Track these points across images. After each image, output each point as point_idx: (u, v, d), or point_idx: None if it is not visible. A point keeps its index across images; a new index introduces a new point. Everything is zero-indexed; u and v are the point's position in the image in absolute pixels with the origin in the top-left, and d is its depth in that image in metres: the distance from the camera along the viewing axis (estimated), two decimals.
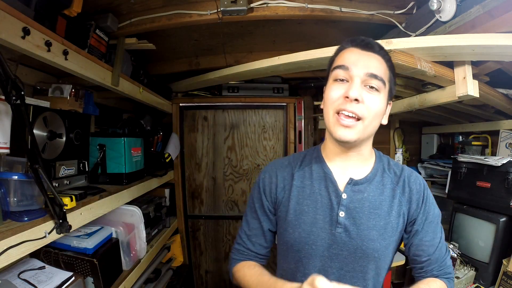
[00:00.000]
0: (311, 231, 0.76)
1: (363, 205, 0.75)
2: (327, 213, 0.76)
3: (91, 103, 1.40)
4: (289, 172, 0.84)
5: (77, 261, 1.16)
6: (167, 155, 2.02)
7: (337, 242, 0.74)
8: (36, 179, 0.83)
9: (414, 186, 0.80)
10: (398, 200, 0.78)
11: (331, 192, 0.77)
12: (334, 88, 0.74)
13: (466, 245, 1.60)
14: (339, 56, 0.79)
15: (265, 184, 0.85)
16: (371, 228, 0.74)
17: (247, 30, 1.64)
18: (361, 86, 0.72)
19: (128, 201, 1.45)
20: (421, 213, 0.78)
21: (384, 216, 0.75)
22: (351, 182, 0.78)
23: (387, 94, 0.76)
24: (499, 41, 0.96)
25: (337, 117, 0.72)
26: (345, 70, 0.73)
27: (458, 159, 1.69)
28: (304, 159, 0.86)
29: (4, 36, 0.75)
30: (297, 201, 0.79)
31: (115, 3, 1.27)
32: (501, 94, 1.46)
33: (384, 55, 0.77)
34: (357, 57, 0.74)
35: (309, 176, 0.81)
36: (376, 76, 0.72)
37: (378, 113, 0.74)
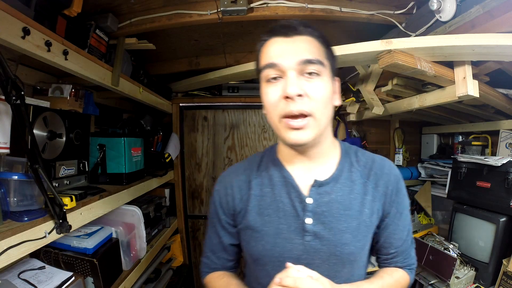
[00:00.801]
0: (275, 243, 0.69)
1: (331, 208, 0.68)
2: (292, 221, 0.69)
3: (91, 103, 1.40)
4: (246, 180, 0.75)
5: (77, 261, 1.16)
6: (167, 155, 2.02)
7: (307, 251, 0.68)
8: (36, 179, 0.83)
9: (388, 178, 0.73)
10: (370, 196, 0.71)
11: (293, 199, 0.70)
12: (269, 90, 0.65)
13: (466, 245, 1.60)
14: (262, 52, 0.68)
15: (220, 197, 0.78)
16: (343, 232, 0.67)
17: (247, 30, 1.64)
18: (298, 78, 0.62)
19: (128, 201, 1.45)
20: (394, 206, 0.73)
21: (356, 216, 0.69)
22: (315, 184, 0.69)
23: (329, 72, 0.67)
24: (499, 41, 0.96)
25: (285, 121, 0.63)
26: (274, 67, 0.63)
27: (458, 159, 1.69)
28: (261, 163, 0.78)
29: (4, 36, 0.75)
30: (258, 212, 0.72)
31: (115, 3, 1.27)
32: (501, 94, 1.46)
33: (311, 33, 0.66)
34: (282, 47, 0.64)
35: (268, 182, 0.73)
36: (311, 61, 0.62)
37: (327, 99, 0.65)
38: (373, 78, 1.66)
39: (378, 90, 1.68)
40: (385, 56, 1.10)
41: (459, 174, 1.67)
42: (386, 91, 1.59)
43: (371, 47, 1.10)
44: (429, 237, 1.90)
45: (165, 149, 2.08)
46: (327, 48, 0.69)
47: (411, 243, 0.79)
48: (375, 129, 2.55)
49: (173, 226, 2.22)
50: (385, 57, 1.10)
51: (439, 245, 1.61)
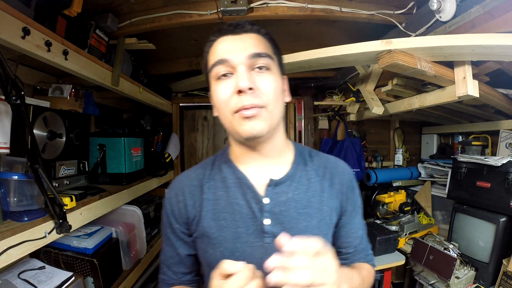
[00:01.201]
0: (234, 248, 0.66)
1: (289, 207, 0.67)
2: (250, 224, 0.66)
3: (91, 103, 1.40)
4: (198, 185, 0.72)
5: (77, 261, 1.16)
6: (167, 155, 2.02)
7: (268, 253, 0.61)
8: (36, 179, 0.83)
9: (342, 177, 0.74)
10: (327, 194, 0.71)
11: (250, 199, 0.67)
12: (220, 87, 0.64)
13: (466, 245, 1.60)
14: (211, 52, 0.68)
15: (172, 205, 0.73)
16: (303, 231, 0.66)
17: None
18: (249, 72, 0.62)
19: (128, 201, 1.45)
20: (350, 204, 0.74)
21: (316, 214, 0.68)
22: (271, 183, 0.68)
23: (278, 69, 0.68)
24: (499, 41, 0.96)
25: (238, 114, 0.62)
26: (224, 63, 0.63)
27: (458, 159, 1.69)
28: (213, 167, 0.75)
29: (4, 36, 0.75)
30: (213, 217, 0.68)
31: (115, 3, 1.27)
32: (501, 94, 1.46)
33: (258, 31, 0.67)
34: (232, 44, 0.65)
35: (221, 185, 0.70)
36: (260, 54, 0.63)
37: (278, 93, 0.65)
38: (373, 78, 1.66)
39: (378, 90, 1.68)
40: (385, 56, 1.10)
41: (459, 174, 1.67)
42: (386, 91, 1.59)
43: (371, 47, 1.10)
44: (429, 237, 1.90)
45: (165, 149, 2.08)
46: (274, 45, 0.70)
47: (367, 242, 0.81)
48: (375, 129, 2.55)
49: None
50: (385, 57, 1.10)
51: (439, 245, 1.61)
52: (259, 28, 0.68)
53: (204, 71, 0.72)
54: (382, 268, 1.70)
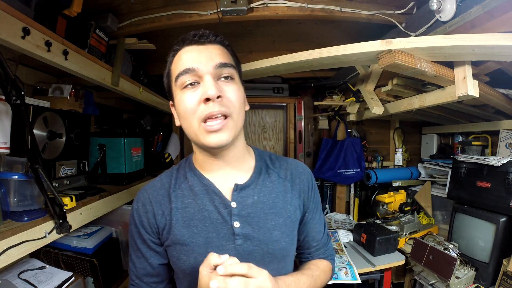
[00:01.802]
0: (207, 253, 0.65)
1: (256, 209, 0.71)
2: (220, 228, 0.69)
3: (91, 103, 1.40)
4: (165, 194, 0.74)
5: (77, 261, 1.16)
6: (167, 155, 2.02)
7: (241, 254, 0.68)
8: (36, 179, 0.83)
9: (303, 177, 0.79)
10: (290, 194, 0.76)
11: (218, 205, 0.70)
12: (187, 95, 0.65)
13: (466, 245, 1.60)
14: (175, 62, 0.69)
15: (140, 215, 0.73)
16: (271, 230, 0.71)
17: (247, 30, 1.64)
18: (215, 81, 0.64)
19: (128, 201, 1.45)
20: (311, 202, 0.80)
21: (281, 212, 0.73)
22: (237, 188, 0.71)
23: (239, 79, 0.71)
24: (499, 41, 0.96)
25: (204, 126, 0.64)
26: (191, 72, 0.64)
27: (458, 159, 1.69)
28: (178, 175, 0.77)
29: (4, 36, 0.75)
30: (184, 225, 0.70)
31: (115, 3, 1.27)
32: (501, 94, 1.46)
33: (221, 42, 0.70)
34: (198, 53, 0.66)
35: (189, 193, 0.73)
36: (226, 64, 0.66)
37: (241, 102, 0.68)
38: (373, 78, 1.66)
39: (378, 90, 1.68)
40: (385, 56, 1.09)
41: (459, 174, 1.67)
42: (386, 91, 1.59)
43: (371, 47, 1.10)
44: (429, 237, 1.90)
45: (165, 149, 2.08)
46: (235, 56, 0.73)
47: (328, 236, 0.88)
48: (375, 129, 2.55)
49: None
50: (385, 57, 1.10)
51: (439, 245, 1.61)
52: (223, 39, 0.71)
53: (166, 80, 0.73)
54: (382, 268, 1.70)
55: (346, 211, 2.46)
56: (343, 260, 1.68)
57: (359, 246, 1.90)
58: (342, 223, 2.25)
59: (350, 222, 2.29)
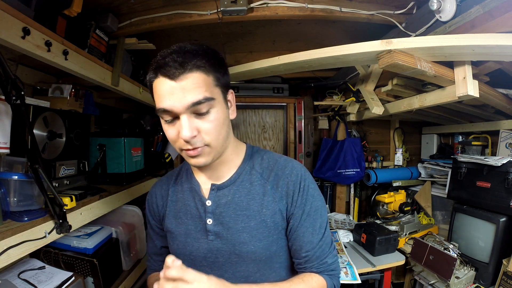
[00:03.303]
0: (186, 242, 0.78)
1: (228, 209, 0.74)
2: (197, 223, 0.78)
3: (91, 103, 1.40)
4: (166, 189, 0.87)
5: (77, 261, 1.16)
6: (167, 155, 2.01)
7: (211, 250, 0.75)
8: (36, 179, 0.83)
9: (289, 179, 0.74)
10: (270, 197, 0.73)
11: (197, 202, 0.79)
12: (168, 129, 0.69)
13: (466, 245, 1.60)
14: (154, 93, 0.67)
15: (149, 204, 0.89)
16: (240, 231, 0.73)
17: (247, 30, 1.64)
18: (190, 119, 0.64)
19: (128, 201, 1.45)
20: (297, 207, 0.73)
21: (254, 215, 0.72)
22: (213, 187, 0.78)
23: (221, 97, 0.69)
24: (499, 41, 0.96)
25: (185, 152, 0.69)
26: (168, 112, 0.65)
27: (458, 159, 1.69)
28: (179, 174, 0.88)
29: (4, 36, 0.75)
30: (174, 215, 0.82)
31: (115, 3, 1.27)
32: (501, 94, 1.46)
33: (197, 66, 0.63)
34: (171, 91, 0.63)
35: (180, 189, 0.84)
36: (199, 102, 0.63)
37: (221, 125, 0.69)
38: (373, 78, 1.66)
39: (378, 90, 1.68)
40: (385, 56, 1.10)
41: (459, 174, 1.67)
42: (386, 91, 1.59)
43: (371, 47, 1.10)
44: (429, 237, 1.90)
45: (165, 149, 2.08)
46: (216, 71, 0.68)
47: (329, 249, 0.77)
48: (375, 129, 2.55)
49: None
50: (385, 57, 1.10)
51: (439, 245, 1.61)
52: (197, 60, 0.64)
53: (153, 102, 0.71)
54: (382, 268, 1.70)
55: (346, 211, 2.46)
56: (343, 260, 1.68)
57: (359, 246, 1.90)
58: (342, 223, 2.26)
59: (350, 222, 2.29)
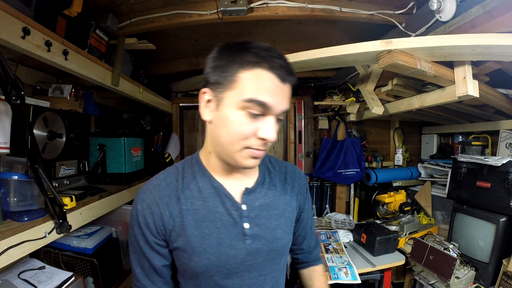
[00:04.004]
0: (220, 253, 0.70)
1: (262, 210, 0.76)
2: (231, 229, 0.72)
3: (91, 103, 1.40)
4: (171, 195, 0.72)
5: (77, 261, 1.16)
6: (167, 155, 2.02)
7: (250, 253, 0.73)
8: (36, 179, 0.83)
9: (300, 181, 0.87)
10: (289, 196, 0.83)
11: (229, 208, 0.73)
12: (243, 121, 0.63)
13: (466, 245, 1.60)
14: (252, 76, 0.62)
15: (145, 217, 0.70)
16: (275, 229, 0.77)
17: (247, 30, 1.64)
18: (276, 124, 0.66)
19: (128, 201, 1.45)
20: (306, 203, 0.89)
21: (282, 213, 0.80)
22: (246, 191, 0.76)
23: None
24: (499, 41, 0.96)
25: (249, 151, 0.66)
26: (263, 106, 0.62)
27: (458, 159, 1.69)
28: (185, 175, 0.76)
29: (4, 36, 0.75)
30: (195, 226, 0.70)
31: (115, 3, 1.27)
32: (501, 94, 1.46)
33: (293, 82, 0.68)
34: (277, 92, 0.63)
35: (198, 195, 0.73)
36: (286, 111, 0.68)
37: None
38: (373, 78, 1.66)
39: (378, 90, 1.68)
40: (385, 56, 1.10)
41: (459, 174, 1.67)
42: (386, 91, 1.59)
43: (371, 47, 1.10)
44: (429, 237, 1.90)
45: (165, 149, 2.08)
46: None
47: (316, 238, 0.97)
48: (375, 129, 2.55)
49: None
50: (385, 57, 1.10)
51: (439, 245, 1.61)
52: (294, 78, 0.68)
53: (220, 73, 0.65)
54: (382, 268, 1.70)
55: (346, 211, 2.46)
56: (343, 260, 1.68)
57: (359, 246, 1.90)
58: (342, 223, 2.26)
59: (350, 222, 2.29)
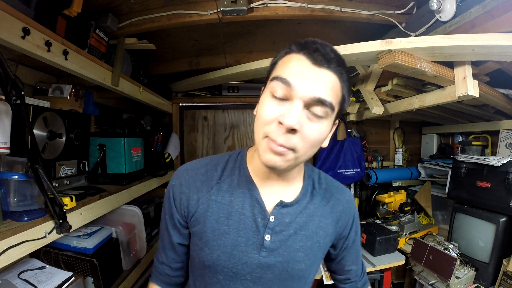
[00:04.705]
0: (231, 254, 0.68)
1: (289, 227, 0.70)
2: (251, 235, 0.68)
3: (91, 103, 1.40)
4: (205, 181, 0.72)
5: (77, 261, 1.16)
6: (167, 155, 2.02)
7: (261, 265, 0.68)
8: (36, 179, 0.83)
9: (347, 205, 0.78)
10: (329, 220, 0.74)
11: (256, 214, 0.69)
12: (269, 105, 0.59)
13: (466, 245, 1.60)
14: (282, 62, 0.62)
15: (175, 193, 0.72)
16: (297, 250, 0.70)
17: (247, 30, 1.64)
18: (302, 110, 0.57)
19: (128, 201, 1.45)
20: (352, 230, 0.79)
21: (311, 236, 0.71)
22: (280, 204, 0.70)
23: (333, 118, 0.64)
24: (499, 41, 0.96)
25: (267, 141, 0.59)
26: (287, 85, 0.57)
27: (458, 159, 1.69)
28: (226, 168, 0.74)
29: (4, 36, 0.75)
30: (217, 220, 0.69)
31: (115, 3, 1.27)
32: (501, 94, 1.46)
33: (339, 71, 0.60)
34: (305, 72, 0.57)
35: (231, 191, 0.71)
36: (324, 102, 0.57)
37: (317, 143, 0.62)
38: (373, 78, 1.66)
39: (378, 90, 1.68)
40: (385, 56, 1.10)
41: (459, 174, 1.67)
42: (386, 91, 1.59)
43: (371, 47, 1.10)
44: (429, 237, 1.90)
45: (165, 149, 2.08)
46: (346, 91, 0.64)
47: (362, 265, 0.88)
48: (375, 129, 2.55)
49: None
50: (385, 57, 1.10)
51: (439, 245, 1.61)
52: (342, 68, 0.61)
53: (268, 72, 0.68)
54: (382, 268, 1.70)
55: None
56: None
57: None
58: None
59: None
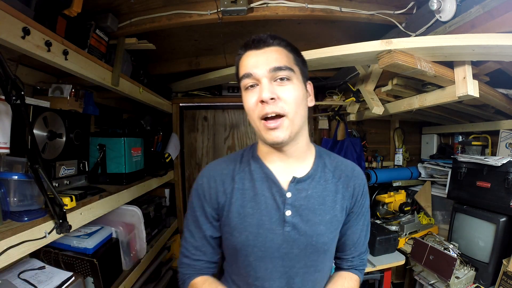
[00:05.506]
0: (258, 233, 0.75)
1: (308, 202, 0.77)
2: (273, 213, 0.76)
3: (91, 103, 1.40)
4: (229, 175, 0.82)
5: (77, 261, 1.16)
6: (167, 155, 2.02)
7: (286, 241, 0.75)
8: (36, 179, 0.83)
9: (357, 181, 0.84)
10: (341, 195, 0.81)
11: (274, 193, 0.77)
12: (248, 96, 0.74)
13: (466, 245, 1.60)
14: (240, 65, 0.77)
15: (204, 190, 0.82)
16: (318, 224, 0.76)
17: (247, 30, 1.64)
18: (271, 84, 0.71)
19: (128, 201, 1.45)
20: (358, 207, 0.85)
21: (329, 210, 0.78)
22: (294, 180, 0.78)
23: (300, 77, 0.76)
24: (499, 41, 0.96)
25: (263, 123, 0.72)
26: (250, 76, 0.72)
27: (458, 159, 1.69)
28: (242, 160, 0.84)
29: (4, 36, 0.75)
30: (241, 204, 0.78)
31: (115, 3, 1.27)
32: (501, 94, 1.46)
33: (279, 43, 0.75)
34: (255, 59, 0.73)
35: (249, 177, 0.80)
36: (280, 68, 0.71)
37: (298, 100, 0.73)
38: (373, 78, 1.66)
39: (378, 90, 1.68)
40: (385, 56, 1.10)
41: (459, 174, 1.67)
42: (386, 91, 1.59)
43: (371, 47, 1.10)
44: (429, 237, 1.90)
45: (165, 149, 2.08)
46: (296, 55, 0.78)
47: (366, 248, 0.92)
48: (375, 129, 2.55)
49: (173, 226, 2.22)
50: (385, 57, 1.10)
51: (439, 245, 1.61)
52: (280, 40, 0.76)
53: (236, 79, 0.81)
54: (382, 268, 1.70)
55: None
56: None
57: None
58: None
59: None
